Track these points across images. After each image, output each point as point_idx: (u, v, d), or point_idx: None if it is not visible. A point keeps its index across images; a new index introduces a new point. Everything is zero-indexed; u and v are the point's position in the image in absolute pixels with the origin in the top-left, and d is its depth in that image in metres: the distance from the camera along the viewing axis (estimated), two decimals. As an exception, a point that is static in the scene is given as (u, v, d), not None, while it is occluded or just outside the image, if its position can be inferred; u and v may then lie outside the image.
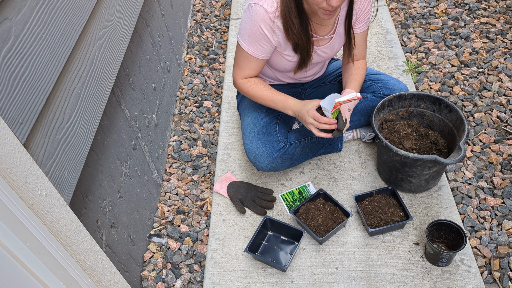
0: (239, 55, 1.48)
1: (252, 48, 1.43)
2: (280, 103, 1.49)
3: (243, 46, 1.44)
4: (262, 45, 1.41)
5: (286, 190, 1.70)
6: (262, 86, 1.52)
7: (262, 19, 1.35)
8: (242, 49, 1.45)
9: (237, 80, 1.55)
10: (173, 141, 1.99)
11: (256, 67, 1.50)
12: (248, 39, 1.41)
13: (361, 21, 1.50)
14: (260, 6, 1.33)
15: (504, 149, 1.76)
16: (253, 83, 1.52)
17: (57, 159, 1.01)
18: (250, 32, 1.39)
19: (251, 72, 1.51)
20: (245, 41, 1.43)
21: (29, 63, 0.92)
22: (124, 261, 1.42)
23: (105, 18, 1.32)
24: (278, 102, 1.49)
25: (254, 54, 1.44)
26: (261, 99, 1.52)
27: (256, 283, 1.45)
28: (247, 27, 1.39)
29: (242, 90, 1.55)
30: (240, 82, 1.54)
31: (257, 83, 1.52)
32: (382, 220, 1.51)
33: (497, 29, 2.28)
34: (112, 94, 1.42)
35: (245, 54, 1.46)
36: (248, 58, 1.46)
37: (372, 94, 1.71)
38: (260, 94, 1.51)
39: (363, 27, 1.53)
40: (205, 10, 2.73)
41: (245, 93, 1.56)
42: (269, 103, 1.51)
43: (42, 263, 0.91)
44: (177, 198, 1.78)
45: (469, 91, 2.00)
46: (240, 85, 1.55)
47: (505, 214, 1.58)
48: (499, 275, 1.44)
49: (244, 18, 1.40)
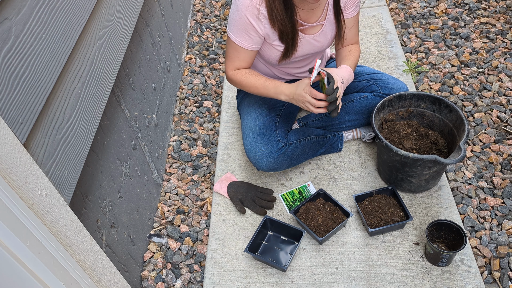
0: (229, 47, 1.48)
1: (240, 39, 1.43)
2: (272, 89, 1.47)
3: (231, 37, 1.44)
4: (249, 35, 1.41)
5: (286, 190, 1.70)
6: (253, 75, 1.51)
7: (246, 7, 1.35)
8: (231, 40, 1.45)
9: (228, 72, 1.54)
10: (173, 141, 1.99)
11: (246, 58, 1.50)
12: (236, 30, 1.41)
13: (350, 6, 1.50)
14: None
15: (504, 149, 1.76)
16: (244, 73, 1.51)
17: (57, 159, 1.01)
18: (237, 22, 1.39)
19: (241, 63, 1.51)
20: (233, 32, 1.43)
21: (29, 63, 0.92)
22: (124, 261, 1.42)
23: (105, 18, 1.32)
24: (270, 88, 1.48)
25: (242, 45, 1.44)
26: (254, 88, 1.51)
27: (256, 283, 1.45)
28: (234, 17, 1.40)
29: (234, 81, 1.54)
30: (231, 74, 1.53)
31: (248, 72, 1.51)
32: (382, 220, 1.51)
33: (497, 29, 2.28)
34: (112, 94, 1.42)
35: (233, 45, 1.45)
36: (237, 49, 1.46)
37: (372, 93, 1.71)
38: (253, 82, 1.50)
39: (354, 11, 1.52)
40: (205, 10, 2.73)
41: (237, 84, 1.54)
42: (261, 91, 1.50)
43: (42, 263, 0.91)
44: (177, 198, 1.78)
45: (469, 91, 2.00)
46: (231, 76, 1.54)
47: (505, 214, 1.58)
48: (499, 275, 1.44)
49: (231, 9, 1.41)
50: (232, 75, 1.53)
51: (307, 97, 1.37)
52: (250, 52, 1.48)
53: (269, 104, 1.69)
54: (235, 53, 1.48)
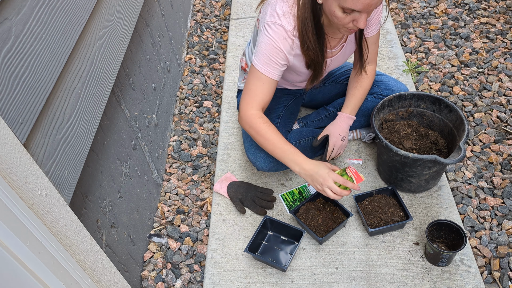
0: (252, 79, 1.37)
1: (268, 68, 1.34)
2: (290, 155, 1.36)
3: (257, 66, 1.35)
4: (279, 64, 1.34)
5: (286, 190, 1.70)
6: (275, 130, 1.38)
7: (283, 38, 1.30)
8: (257, 70, 1.35)
9: (247, 111, 1.38)
10: (173, 141, 1.99)
11: (269, 91, 1.38)
12: (264, 59, 1.33)
13: (372, 24, 1.46)
14: (279, 26, 1.29)
15: (504, 149, 1.76)
16: (266, 122, 1.37)
17: (57, 159, 1.01)
18: (267, 52, 1.32)
19: (263, 98, 1.38)
20: (260, 62, 1.34)
21: (29, 63, 0.92)
22: (124, 261, 1.42)
23: (105, 18, 1.32)
24: (288, 153, 1.36)
25: (269, 74, 1.35)
26: (270, 143, 1.37)
27: (256, 283, 1.45)
28: (264, 47, 1.32)
29: (249, 125, 1.38)
30: (251, 115, 1.37)
31: (270, 125, 1.38)
32: (382, 220, 1.51)
33: (497, 29, 2.28)
34: (112, 94, 1.42)
35: (259, 76, 1.36)
36: (262, 80, 1.36)
37: (373, 95, 1.71)
38: (272, 138, 1.36)
39: (375, 30, 1.49)
40: (205, 10, 2.73)
41: (252, 130, 1.38)
42: (277, 151, 1.37)
43: (42, 263, 0.91)
44: (177, 198, 1.78)
45: (469, 91, 2.00)
46: (251, 117, 1.37)
47: (505, 214, 1.58)
48: (499, 275, 1.44)
49: (261, 39, 1.33)
50: (252, 116, 1.37)
51: (330, 181, 1.31)
52: (275, 83, 1.38)
53: (270, 105, 1.69)
54: (259, 85, 1.36)
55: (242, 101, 1.40)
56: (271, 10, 1.31)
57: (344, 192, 1.32)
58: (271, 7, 1.32)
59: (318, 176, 1.33)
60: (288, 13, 1.29)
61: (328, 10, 1.22)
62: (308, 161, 1.36)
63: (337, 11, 1.19)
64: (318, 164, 1.35)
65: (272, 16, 1.30)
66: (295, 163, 1.36)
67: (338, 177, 1.33)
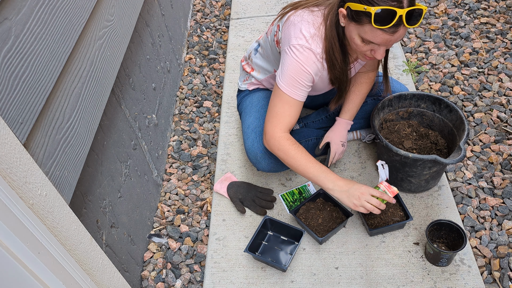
0: (278, 102, 1.37)
1: (295, 90, 1.35)
2: (322, 173, 1.36)
3: (284, 89, 1.35)
4: (305, 86, 1.35)
5: (286, 190, 1.70)
6: (303, 150, 1.38)
7: (312, 63, 1.30)
8: (283, 92, 1.35)
9: (275, 134, 1.38)
10: (173, 141, 1.99)
11: (296, 113, 1.39)
12: (291, 82, 1.33)
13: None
14: (307, 49, 1.29)
15: (504, 149, 1.76)
16: (295, 143, 1.38)
17: (57, 159, 1.01)
18: (294, 74, 1.32)
19: (290, 120, 1.39)
20: (286, 84, 1.34)
21: (29, 63, 0.92)
22: (124, 261, 1.42)
23: (105, 18, 1.32)
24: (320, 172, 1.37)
25: (296, 96, 1.35)
26: (299, 162, 1.37)
27: (256, 283, 1.45)
28: (291, 70, 1.32)
29: (279, 148, 1.39)
30: (280, 137, 1.38)
31: (299, 145, 1.39)
32: (382, 220, 1.51)
33: (497, 29, 2.28)
34: (112, 94, 1.42)
35: (285, 99, 1.36)
36: (290, 102, 1.36)
37: (372, 97, 1.71)
38: (301, 156, 1.37)
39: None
40: (205, 10, 2.73)
41: (281, 152, 1.39)
42: (308, 169, 1.37)
43: (42, 263, 0.91)
44: (177, 198, 1.78)
45: (469, 91, 2.00)
46: (279, 140, 1.38)
47: (505, 214, 1.58)
48: (499, 275, 1.44)
49: (287, 61, 1.32)
50: (280, 139, 1.38)
51: (367, 195, 1.32)
52: (301, 104, 1.39)
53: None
54: (287, 107, 1.37)
55: (268, 124, 1.41)
56: (296, 31, 1.31)
57: (382, 205, 1.34)
58: (295, 29, 1.31)
59: (354, 191, 1.33)
60: (316, 36, 1.29)
61: (348, 35, 1.26)
62: (341, 178, 1.37)
63: (357, 39, 1.23)
64: (351, 181, 1.37)
65: (299, 39, 1.29)
66: (329, 181, 1.36)
67: (374, 190, 1.34)
